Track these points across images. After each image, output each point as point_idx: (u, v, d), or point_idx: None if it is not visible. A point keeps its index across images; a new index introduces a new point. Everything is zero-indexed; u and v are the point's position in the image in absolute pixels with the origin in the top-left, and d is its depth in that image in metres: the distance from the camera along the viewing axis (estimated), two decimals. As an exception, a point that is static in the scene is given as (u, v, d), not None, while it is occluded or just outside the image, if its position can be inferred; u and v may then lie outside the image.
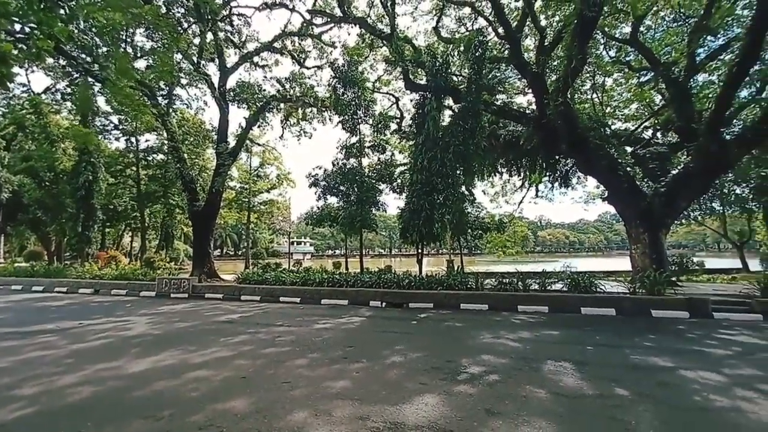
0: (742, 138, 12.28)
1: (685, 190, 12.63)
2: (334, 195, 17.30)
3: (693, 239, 72.47)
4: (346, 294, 12.47)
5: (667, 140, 16.36)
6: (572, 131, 12.62)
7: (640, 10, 12.58)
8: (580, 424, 3.55)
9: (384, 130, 19.07)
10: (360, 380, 4.79)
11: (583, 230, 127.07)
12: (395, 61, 15.68)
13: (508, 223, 23.29)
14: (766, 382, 4.62)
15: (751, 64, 11.21)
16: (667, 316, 9.14)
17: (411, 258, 17.29)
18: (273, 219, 38.27)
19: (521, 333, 7.59)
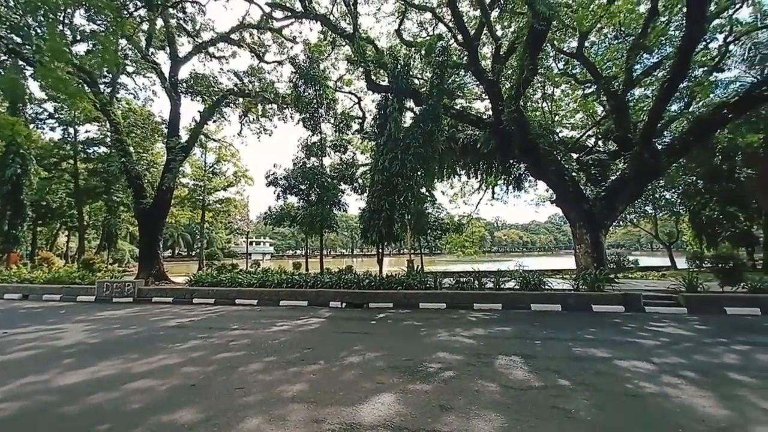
0: (671, 148, 13.66)
1: (622, 194, 13.81)
2: (294, 194, 16.93)
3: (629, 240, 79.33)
4: (305, 295, 12.26)
5: (608, 148, 17.80)
6: (524, 137, 13.34)
7: (586, 26, 13.58)
8: (526, 414, 3.76)
9: (346, 129, 19.00)
10: (317, 382, 4.74)
11: (535, 231, 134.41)
12: (357, 61, 15.69)
13: (466, 223, 24.08)
14: (688, 369, 5.15)
15: (680, 81, 12.50)
16: (606, 310, 9.92)
17: (372, 258, 17.38)
18: (230, 218, 36.74)
19: (476, 330, 7.88)
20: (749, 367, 5.20)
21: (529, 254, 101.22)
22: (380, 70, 16.90)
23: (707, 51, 16.02)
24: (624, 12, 13.82)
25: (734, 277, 10.62)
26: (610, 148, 17.66)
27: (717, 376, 4.82)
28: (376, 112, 15.20)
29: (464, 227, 23.58)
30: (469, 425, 3.53)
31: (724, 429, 3.43)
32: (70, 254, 37.54)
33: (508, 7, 13.21)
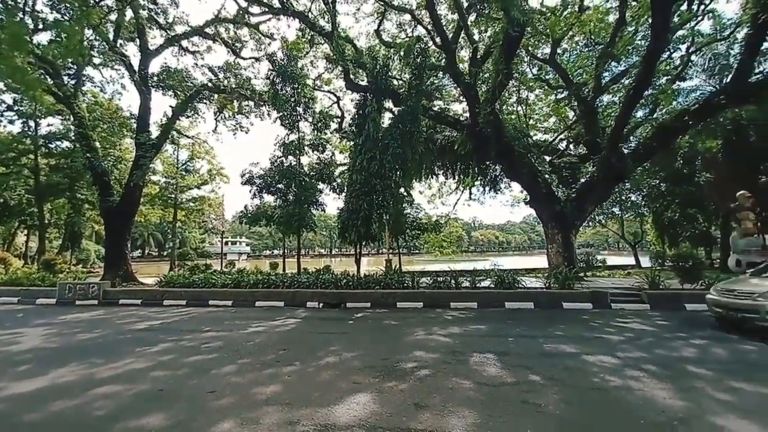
0: (636, 152, 14.34)
1: (591, 196, 14.38)
2: (271, 193, 16.64)
3: (598, 239, 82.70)
4: (282, 296, 12.08)
5: (578, 152, 18.50)
6: (500, 139, 13.67)
7: (558, 33, 14.06)
8: (498, 410, 3.85)
9: (324, 128, 18.82)
10: (292, 384, 4.68)
11: (510, 231, 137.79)
12: (336, 59, 15.59)
13: (444, 223, 24.38)
14: (650, 362, 5.42)
15: (645, 89, 13.14)
16: (575, 307, 10.30)
17: (351, 258, 17.32)
18: (204, 217, 35.70)
19: (452, 329, 8.00)
20: (706, 360, 5.53)
21: (504, 254, 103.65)
22: (359, 70, 16.86)
23: (671, 60, 16.94)
24: (594, 21, 14.42)
25: (693, 275, 11.25)
26: (580, 151, 18.36)
27: (676, 369, 5.10)
28: (355, 112, 15.18)
29: (442, 227, 23.86)
30: (443, 423, 3.58)
31: (681, 419, 3.62)
32: (29, 254, 35.33)
33: (484, 12, 13.47)
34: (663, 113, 17.17)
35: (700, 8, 14.96)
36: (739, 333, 6.98)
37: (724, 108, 13.47)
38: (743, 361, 5.46)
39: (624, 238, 28.46)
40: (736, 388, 4.37)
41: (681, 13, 13.93)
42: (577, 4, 14.53)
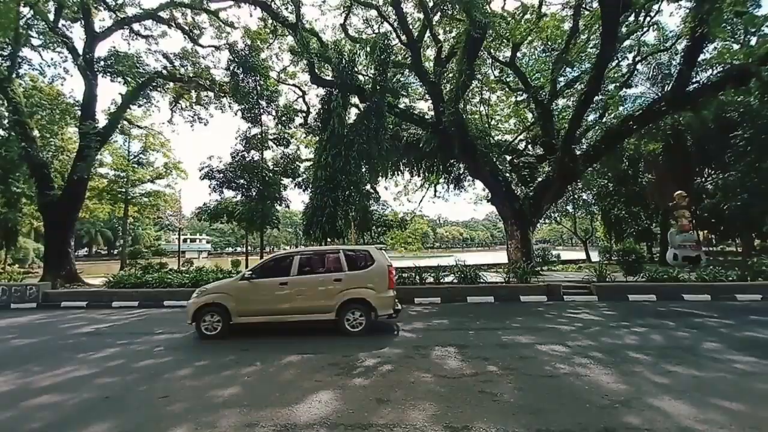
0: (587, 154, 15.27)
1: (547, 194, 15.16)
2: (232, 188, 16.05)
3: (554, 236, 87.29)
4: (243, 294, 11.68)
5: (536, 152, 19.42)
6: (463, 138, 14.04)
7: (518, 38, 14.64)
8: (457, 401, 3.98)
9: (289, 123, 18.40)
10: (251, 385, 4.56)
11: (473, 228, 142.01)
12: (301, 52, 15.25)
13: (409, 220, 24.69)
14: (596, 350, 5.81)
15: (596, 94, 14.00)
16: (532, 300, 10.83)
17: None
18: (159, 213, 33.74)
19: (415, 324, 8.13)
20: (645, 346, 6.01)
21: (468, 250, 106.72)
22: (325, 64, 16.61)
23: (619, 68, 18.17)
24: (551, 28, 15.15)
25: (635, 269, 12.20)
26: (538, 152, 19.29)
27: (619, 355, 5.51)
28: (320, 107, 14.98)
29: (408, 224, 24.16)
30: (404, 416, 3.64)
31: (623, 402, 3.91)
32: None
33: (447, 12, 13.74)
34: (611, 118, 18.42)
35: (645, 20, 16.15)
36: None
37: (664, 114, 14.65)
38: (678, 346, 5.99)
39: (576, 234, 30.29)
40: (671, 371, 4.79)
41: (629, 23, 14.95)
42: (535, 10, 15.19)
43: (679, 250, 14.13)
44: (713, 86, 14.14)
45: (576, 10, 14.16)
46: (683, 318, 8.06)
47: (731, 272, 11.41)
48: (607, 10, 11.40)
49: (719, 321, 7.73)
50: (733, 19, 13.72)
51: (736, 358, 5.23)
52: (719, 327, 7.22)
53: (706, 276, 11.31)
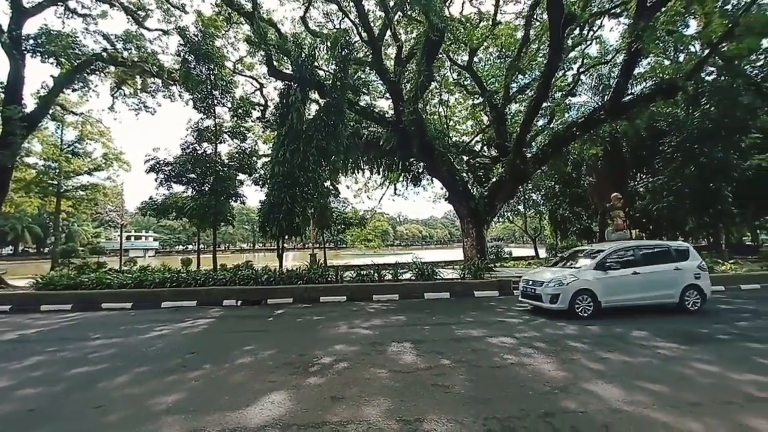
0: (536, 157, 16.19)
1: (500, 194, 15.90)
2: (182, 183, 15.13)
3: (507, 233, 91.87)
4: (194, 294, 11.13)
5: (491, 154, 20.28)
6: (422, 137, 14.32)
7: (475, 43, 15.18)
8: (411, 395, 4.07)
9: (245, 116, 17.65)
10: (199, 389, 4.35)
11: (432, 226, 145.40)
12: (258, 43, 14.69)
13: (369, 218, 24.77)
14: (540, 341, 6.20)
15: (544, 101, 14.88)
16: (485, 295, 11.33)
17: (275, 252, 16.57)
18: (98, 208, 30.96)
19: (373, 320, 8.19)
20: (583, 336, 6.51)
21: (427, 247, 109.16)
22: (283, 57, 16.14)
23: (565, 78, 19.44)
24: (505, 36, 15.85)
25: (577, 264, 13.13)
26: (492, 153, 20.15)
27: (560, 345, 5.92)
28: (279, 101, 14.53)
29: (367, 221, 24.22)
30: (358, 413, 3.66)
31: (561, 387, 4.21)
32: None
33: (407, 12, 13.92)
34: (558, 123, 19.70)
35: (589, 34, 17.43)
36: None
37: (603, 122, 15.91)
38: (611, 335, 6.55)
39: (526, 232, 32.05)
40: (604, 357, 5.23)
41: (574, 36, 16.04)
42: (490, 18, 15.83)
43: (614, 247, 15.40)
44: (646, 98, 15.60)
45: (527, 21, 14.96)
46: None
47: (657, 267, 12.65)
48: (553, 22, 12.18)
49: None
50: (665, 37, 15.18)
51: (661, 344, 5.83)
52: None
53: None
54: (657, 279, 8.25)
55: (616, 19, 16.28)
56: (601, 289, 7.97)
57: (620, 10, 15.14)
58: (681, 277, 8.34)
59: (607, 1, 15.70)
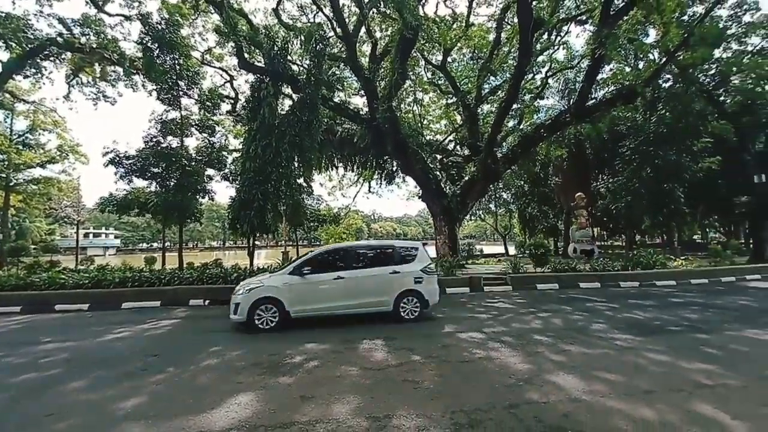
0: (506, 156, 16.64)
1: (472, 192, 16.24)
2: (145, 178, 14.42)
3: (479, 231, 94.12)
4: (158, 294, 10.65)
5: (463, 153, 20.67)
6: (396, 135, 14.38)
7: (449, 43, 15.39)
8: (381, 392, 4.09)
9: (214, 109, 17.02)
10: (161, 393, 4.18)
11: (406, 223, 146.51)
12: (228, 34, 14.18)
13: (344, 215, 24.63)
14: (507, 335, 6.40)
15: (513, 103, 15.30)
16: (456, 291, 11.56)
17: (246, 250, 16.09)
18: (53, 203, 28.96)
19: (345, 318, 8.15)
20: (547, 329, 6.79)
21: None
22: (255, 50, 15.68)
23: (534, 81, 20.08)
24: (478, 37, 16.17)
25: (543, 261, 13.70)
26: (465, 152, 20.55)
27: (525, 338, 6.15)
28: (250, 94, 14.14)
29: (341, 219, 24.08)
30: (328, 411, 3.64)
31: (526, 379, 4.37)
32: None
33: (380, 9, 13.91)
34: (527, 125, 20.36)
35: (557, 39, 18.08)
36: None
37: (569, 124, 16.58)
38: (572, 328, 6.86)
39: (497, 230, 32.97)
40: (566, 349, 5.48)
41: (543, 41, 16.58)
42: (464, 19, 16.09)
43: (578, 245, 16.16)
44: (608, 102, 16.39)
45: (499, 24, 15.33)
46: (578, 303, 9.28)
47: (616, 263, 13.43)
48: (523, 26, 12.55)
49: (606, 305, 9.04)
50: (626, 45, 15.98)
51: (617, 336, 6.17)
52: (606, 310, 8.44)
53: (597, 267, 13.15)
54: (366, 284, 7.41)
55: (581, 26, 17.00)
56: (290, 297, 7.00)
57: (586, 17, 15.83)
58: (398, 281, 7.54)
59: (573, 8, 16.36)
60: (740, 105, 17.79)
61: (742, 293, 10.58)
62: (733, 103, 18.04)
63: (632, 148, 16.28)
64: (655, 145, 15.24)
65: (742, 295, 10.20)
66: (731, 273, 13.56)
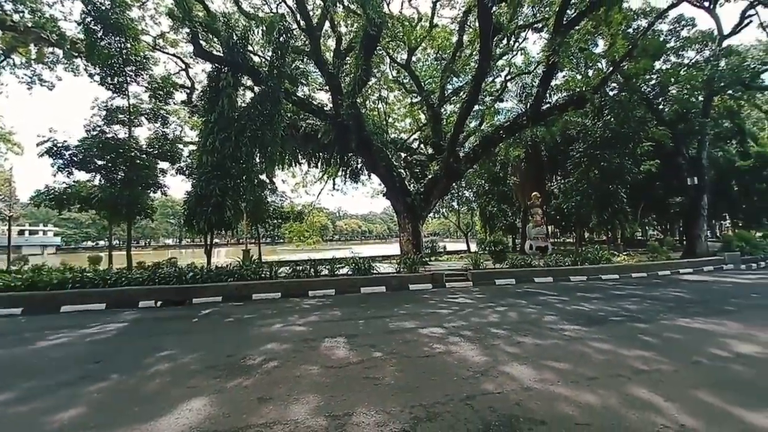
0: (468, 156, 17.13)
1: (435, 190, 16.57)
2: (88, 170, 13.32)
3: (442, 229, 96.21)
4: (103, 296, 9.91)
5: (427, 151, 21.02)
6: (360, 132, 14.33)
7: (413, 43, 15.55)
8: (341, 389, 4.08)
9: (167, 98, 16.03)
10: (102, 402, 3.89)
11: (372, 221, 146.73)
12: (182, 19, 13.38)
13: (308, 213, 24.19)
14: (466, 329, 6.60)
15: (475, 104, 15.75)
16: (419, 288, 11.74)
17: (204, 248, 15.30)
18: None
19: (308, 317, 8.04)
20: (503, 322, 7.08)
21: (366, 242, 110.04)
22: (214, 38, 14.94)
23: (494, 84, 20.81)
24: (442, 38, 16.47)
25: (501, 257, 14.28)
26: (429, 151, 20.90)
27: (484, 332, 6.37)
28: (207, 84, 13.45)
29: (305, 216, 23.64)
30: (286, 412, 3.57)
31: (482, 371, 4.53)
32: None
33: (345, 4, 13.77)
34: (488, 126, 21.07)
35: (515, 45, 18.84)
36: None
37: (525, 127, 17.35)
38: (526, 321, 7.21)
39: (459, 227, 33.87)
40: (520, 341, 5.74)
41: (502, 46, 17.21)
42: (428, 19, 16.33)
43: (533, 242, 17.03)
44: (560, 107, 17.34)
45: (461, 26, 15.71)
46: (532, 297, 9.76)
47: (567, 259, 14.27)
48: (483, 30, 12.96)
49: (557, 298, 9.58)
50: (577, 53, 16.95)
51: (567, 327, 6.56)
52: (557, 303, 8.94)
53: (550, 262, 13.91)
54: None
55: (538, 33, 17.83)
56: None
57: (541, 25, 16.62)
58: None
59: (531, 15, 17.12)
60: (676, 113, 19.52)
61: (676, 285, 11.61)
62: (670, 112, 19.75)
63: (581, 151, 17.35)
64: (602, 149, 16.36)
65: (676, 288, 11.19)
66: (667, 267, 14.85)
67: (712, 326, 6.48)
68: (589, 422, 3.27)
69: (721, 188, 25.29)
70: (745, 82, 18.03)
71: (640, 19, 17.54)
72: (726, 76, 17.20)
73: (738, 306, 8.17)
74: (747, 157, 26.28)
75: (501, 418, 3.35)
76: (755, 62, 18.48)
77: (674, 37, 18.98)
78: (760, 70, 18.56)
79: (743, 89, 19.08)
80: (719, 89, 17.99)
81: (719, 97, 19.67)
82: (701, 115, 17.99)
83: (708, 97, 18.16)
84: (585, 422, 3.28)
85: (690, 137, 19.19)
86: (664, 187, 23.42)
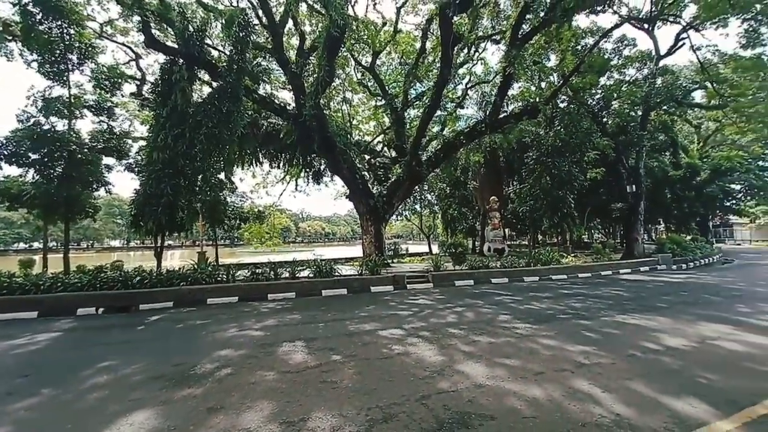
0: (430, 160, 17.52)
1: (398, 193, 16.78)
2: (20, 165, 12.10)
3: (406, 231, 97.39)
4: (34, 303, 9.02)
5: (390, 154, 21.24)
6: (323, 133, 14.20)
7: (378, 46, 15.69)
8: (297, 395, 4.01)
9: (114, 89, 14.94)
10: (30, 420, 3.54)
11: (336, 223, 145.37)
12: (131, 6, 12.55)
13: (268, 214, 23.52)
14: (425, 330, 6.74)
15: (436, 109, 16.17)
16: (381, 290, 11.81)
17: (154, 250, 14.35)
18: None
19: (266, 321, 7.81)
20: (460, 322, 7.30)
21: (330, 244, 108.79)
22: (168, 28, 14.15)
23: (456, 91, 21.48)
24: (406, 43, 16.76)
25: (461, 259, 14.72)
26: (392, 154, 21.13)
27: (441, 333, 6.53)
28: (160, 77, 12.70)
29: (266, 217, 22.97)
30: (238, 421, 3.45)
31: (438, 371, 4.65)
32: None
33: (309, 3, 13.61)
34: (449, 131, 21.69)
35: (475, 54, 19.59)
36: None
37: (484, 133, 18.08)
38: (482, 320, 7.48)
39: (422, 230, 34.48)
40: (475, 340, 5.95)
41: (463, 55, 17.82)
42: (392, 24, 16.56)
43: (491, 244, 17.74)
44: (516, 116, 18.25)
45: (424, 33, 16.10)
46: (489, 297, 10.16)
47: (522, 260, 15.01)
48: (444, 38, 13.37)
49: (511, 298, 10.04)
50: (531, 66, 17.94)
51: (519, 325, 6.89)
52: (511, 303, 9.37)
53: (506, 264, 14.55)
54: None
55: (496, 45, 18.68)
56: None
57: (499, 37, 17.42)
58: None
59: (490, 27, 17.89)
60: (618, 126, 21.23)
61: (617, 284, 12.58)
62: (612, 124, 21.44)
63: (534, 159, 18.37)
64: (553, 157, 17.44)
65: (616, 286, 12.13)
66: (609, 267, 16.06)
67: (645, 321, 7.09)
68: (535, 415, 3.47)
69: (656, 195, 27.84)
70: (678, 99, 20.02)
71: (588, 37, 18.91)
72: (661, 93, 18.99)
73: (669, 303, 9.01)
74: (679, 167, 29.15)
75: (454, 416, 3.46)
76: (687, 81, 20.60)
77: (617, 56, 20.65)
78: (691, 88, 20.72)
79: (676, 105, 21.18)
80: (655, 105, 19.82)
81: (655, 112, 21.67)
82: (639, 128, 19.70)
83: (645, 112, 19.92)
84: (531, 415, 3.47)
85: (629, 148, 20.93)
86: (607, 193, 25.33)
